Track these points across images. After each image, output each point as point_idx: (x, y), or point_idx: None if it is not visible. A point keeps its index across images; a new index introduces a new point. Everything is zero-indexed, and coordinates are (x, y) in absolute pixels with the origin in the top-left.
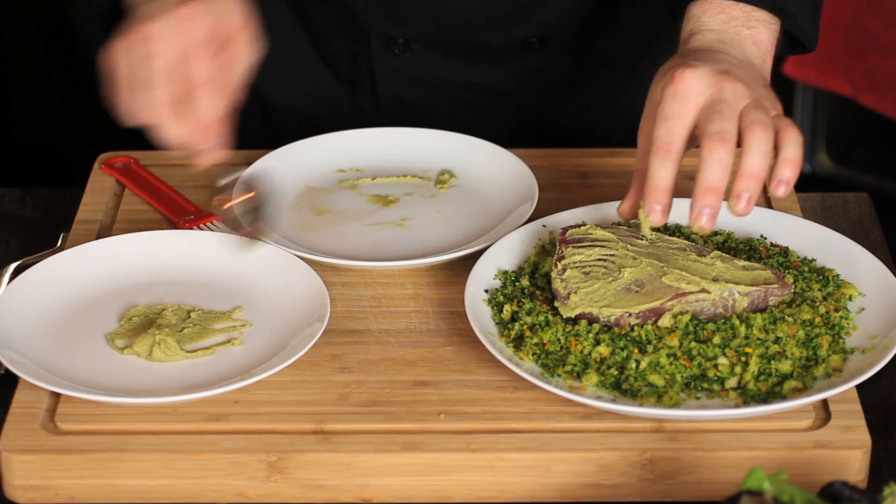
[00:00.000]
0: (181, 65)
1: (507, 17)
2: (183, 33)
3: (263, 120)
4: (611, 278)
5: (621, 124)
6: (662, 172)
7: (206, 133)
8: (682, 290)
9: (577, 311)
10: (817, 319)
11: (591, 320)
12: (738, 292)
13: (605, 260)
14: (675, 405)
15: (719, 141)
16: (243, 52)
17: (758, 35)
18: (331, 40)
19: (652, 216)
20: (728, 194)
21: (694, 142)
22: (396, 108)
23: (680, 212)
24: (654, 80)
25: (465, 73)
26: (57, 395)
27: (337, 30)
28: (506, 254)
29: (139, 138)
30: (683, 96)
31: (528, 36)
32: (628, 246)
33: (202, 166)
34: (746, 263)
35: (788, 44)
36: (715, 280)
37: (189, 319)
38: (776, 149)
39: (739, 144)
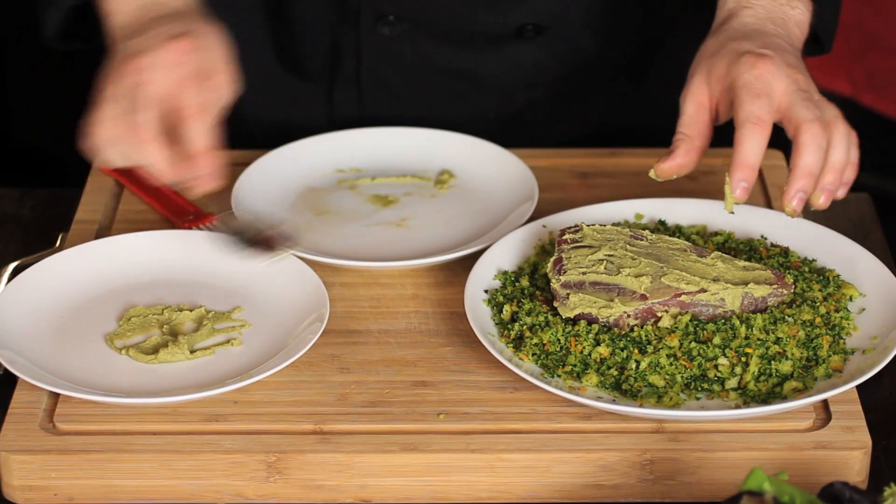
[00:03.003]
0: (171, 96)
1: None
2: (174, 66)
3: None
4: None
5: (599, 126)
6: (755, 148)
7: (198, 162)
8: (682, 291)
9: (577, 312)
10: (818, 320)
11: (591, 321)
12: (753, 294)
13: (604, 260)
14: (675, 406)
15: (821, 126)
16: (225, 88)
17: (799, 16)
18: (308, 29)
19: (739, 193)
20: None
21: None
22: (380, 96)
23: (680, 211)
24: (703, 57)
25: (455, 59)
26: (56, 396)
27: (320, 12)
28: (506, 254)
29: None
30: (768, 80)
31: (523, 22)
32: (628, 246)
33: (195, 196)
34: (747, 264)
35: (814, 44)
36: (715, 280)
37: (203, 324)
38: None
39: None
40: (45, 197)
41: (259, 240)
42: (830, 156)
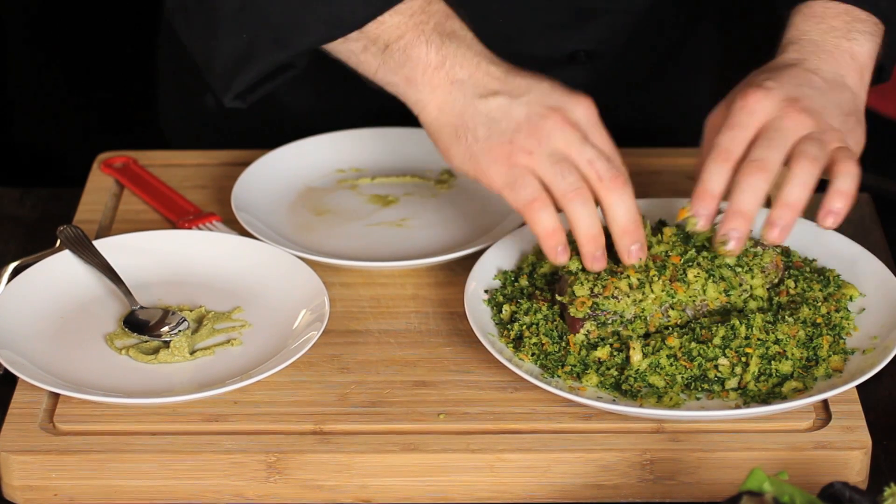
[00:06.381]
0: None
1: (558, 29)
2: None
3: (265, 121)
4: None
5: (659, 140)
6: (716, 178)
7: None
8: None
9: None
10: (818, 320)
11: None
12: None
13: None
14: (675, 406)
15: (757, 168)
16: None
17: (857, 47)
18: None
19: (698, 221)
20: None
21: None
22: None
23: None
24: (734, 90)
25: None
26: (56, 396)
27: None
28: (505, 254)
29: (138, 138)
30: (751, 111)
31: (576, 49)
32: None
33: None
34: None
35: (877, 71)
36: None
37: (203, 324)
38: (829, 180)
39: None
40: (45, 197)
41: None
42: (781, 191)
